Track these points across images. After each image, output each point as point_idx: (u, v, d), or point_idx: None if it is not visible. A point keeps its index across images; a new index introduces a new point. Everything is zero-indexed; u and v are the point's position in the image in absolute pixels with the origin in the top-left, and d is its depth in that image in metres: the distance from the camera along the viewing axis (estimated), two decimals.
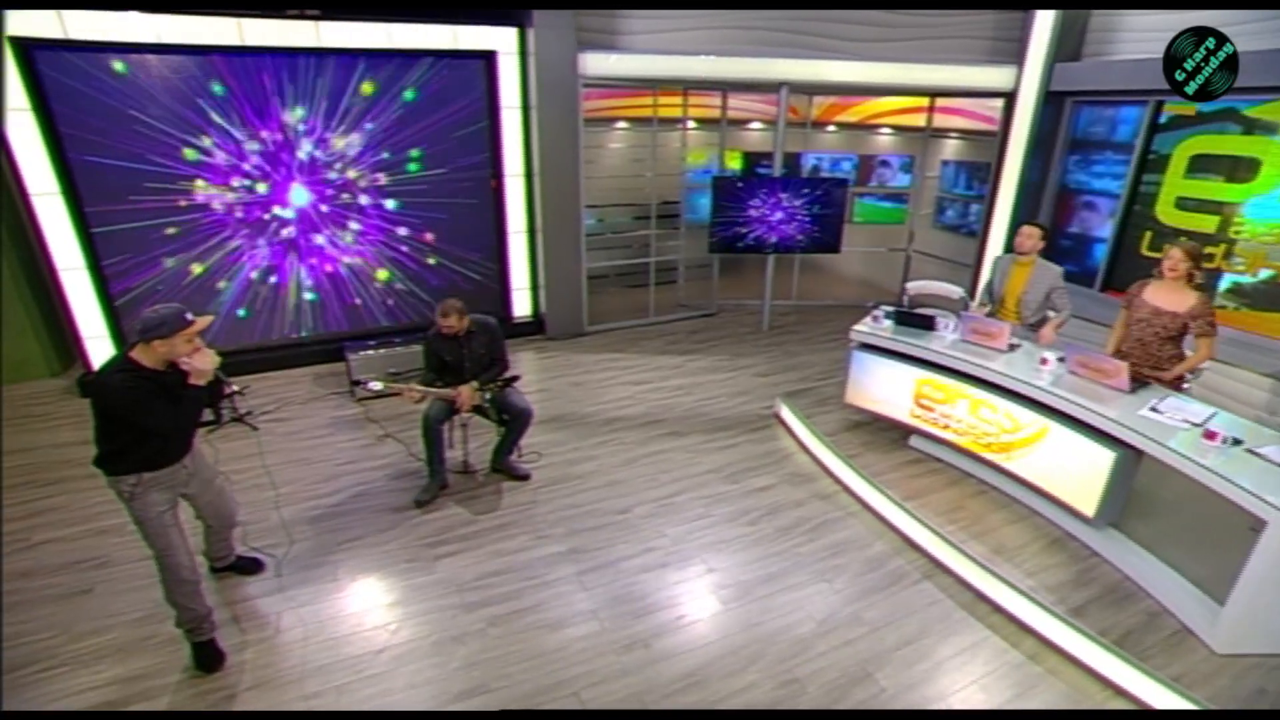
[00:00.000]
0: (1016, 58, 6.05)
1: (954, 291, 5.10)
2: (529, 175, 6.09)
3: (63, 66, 4.49)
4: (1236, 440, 2.99)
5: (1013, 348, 4.00)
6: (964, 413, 4.02)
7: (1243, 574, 2.74)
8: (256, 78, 5.00)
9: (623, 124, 7.34)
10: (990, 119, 6.58)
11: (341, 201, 5.58)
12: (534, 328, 6.57)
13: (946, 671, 2.92)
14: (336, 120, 5.32)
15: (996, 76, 6.10)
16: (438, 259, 6.01)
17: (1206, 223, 5.11)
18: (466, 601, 3.23)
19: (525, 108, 5.87)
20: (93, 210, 4.85)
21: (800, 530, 3.84)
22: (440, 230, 5.95)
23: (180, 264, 5.22)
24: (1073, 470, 3.47)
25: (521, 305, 6.51)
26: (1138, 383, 3.48)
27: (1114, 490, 3.32)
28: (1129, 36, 5.32)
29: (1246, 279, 4.98)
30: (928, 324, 4.33)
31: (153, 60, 4.70)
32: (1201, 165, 5.13)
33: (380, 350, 5.22)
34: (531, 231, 6.28)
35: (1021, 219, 6.16)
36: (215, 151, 5.06)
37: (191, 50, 4.77)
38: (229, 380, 2.87)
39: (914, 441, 4.46)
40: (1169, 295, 3.55)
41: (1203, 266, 3.59)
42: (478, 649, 2.97)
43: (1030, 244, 4.19)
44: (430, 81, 5.48)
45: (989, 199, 6.50)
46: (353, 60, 5.19)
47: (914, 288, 5.02)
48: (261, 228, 5.39)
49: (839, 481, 4.29)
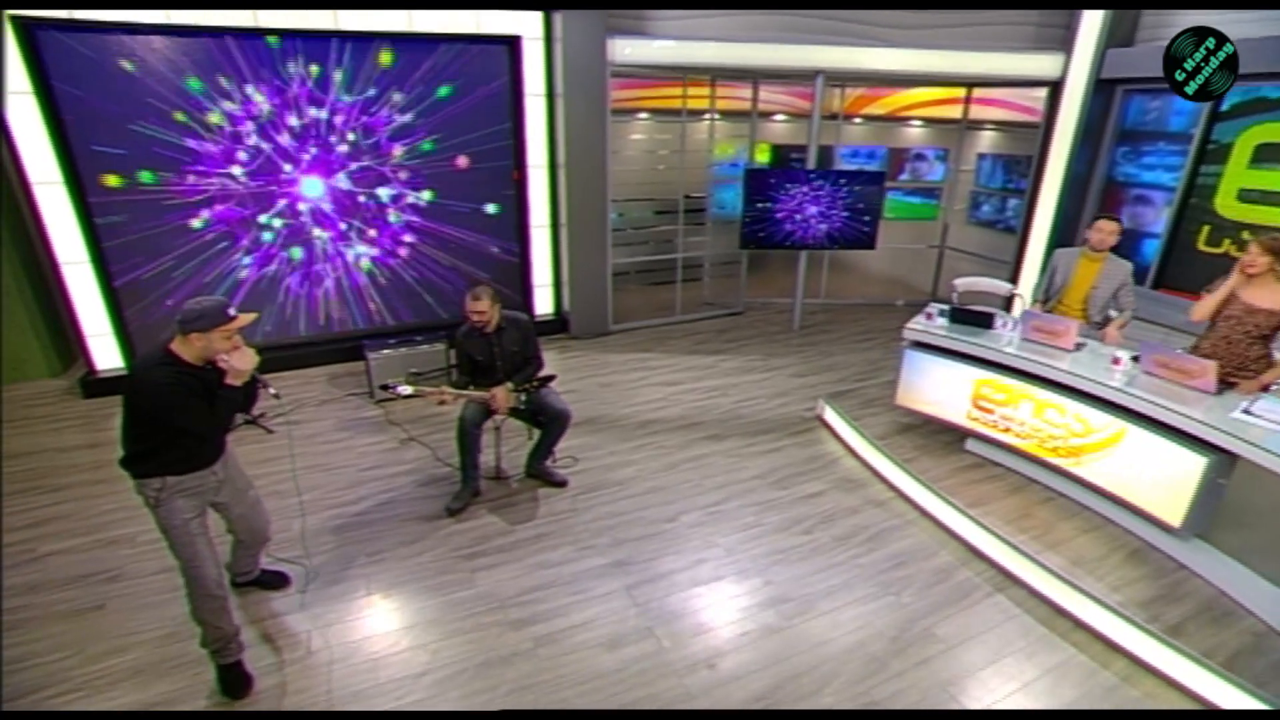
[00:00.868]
0: (1064, 44, 5.87)
1: (1004, 288, 4.92)
2: (553, 167, 5.91)
3: (67, 48, 4.30)
4: None
5: (1078, 347, 3.83)
6: (1027, 415, 3.85)
7: None
8: (269, 62, 4.81)
9: (643, 115, 7.18)
10: (1030, 109, 6.41)
11: (355, 191, 5.39)
12: (557, 326, 6.39)
13: (1036, 694, 2.74)
14: (350, 106, 5.14)
15: (1043, 64, 5.92)
16: (453, 254, 5.82)
17: (1272, 215, 4.94)
18: (511, 618, 3.04)
19: (550, 95, 5.69)
20: (96, 201, 4.66)
21: (858, 539, 3.66)
22: (458, 223, 5.76)
23: (188, 258, 5.02)
24: (1155, 476, 3.29)
25: (543, 303, 6.33)
26: (1221, 384, 3.30)
27: (1203, 498, 3.14)
28: (1189, 19, 5.12)
29: None
30: (986, 322, 4.16)
31: (161, 42, 4.51)
32: (1268, 155, 4.95)
33: (401, 349, 5.03)
34: (555, 226, 6.10)
35: (1066, 213, 6.03)
36: (226, 137, 4.88)
37: (203, 32, 4.58)
38: (266, 381, 2.67)
39: (970, 445, 4.29)
40: (1263, 292, 3.37)
41: None
42: (528, 671, 2.78)
43: (1108, 240, 4.01)
44: (450, 67, 5.30)
45: (1030, 193, 6.32)
46: (370, 44, 5.01)
47: (963, 284, 4.84)
48: (274, 215, 5.20)
49: (893, 487, 4.13)
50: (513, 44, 5.44)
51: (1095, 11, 5.60)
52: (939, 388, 4.25)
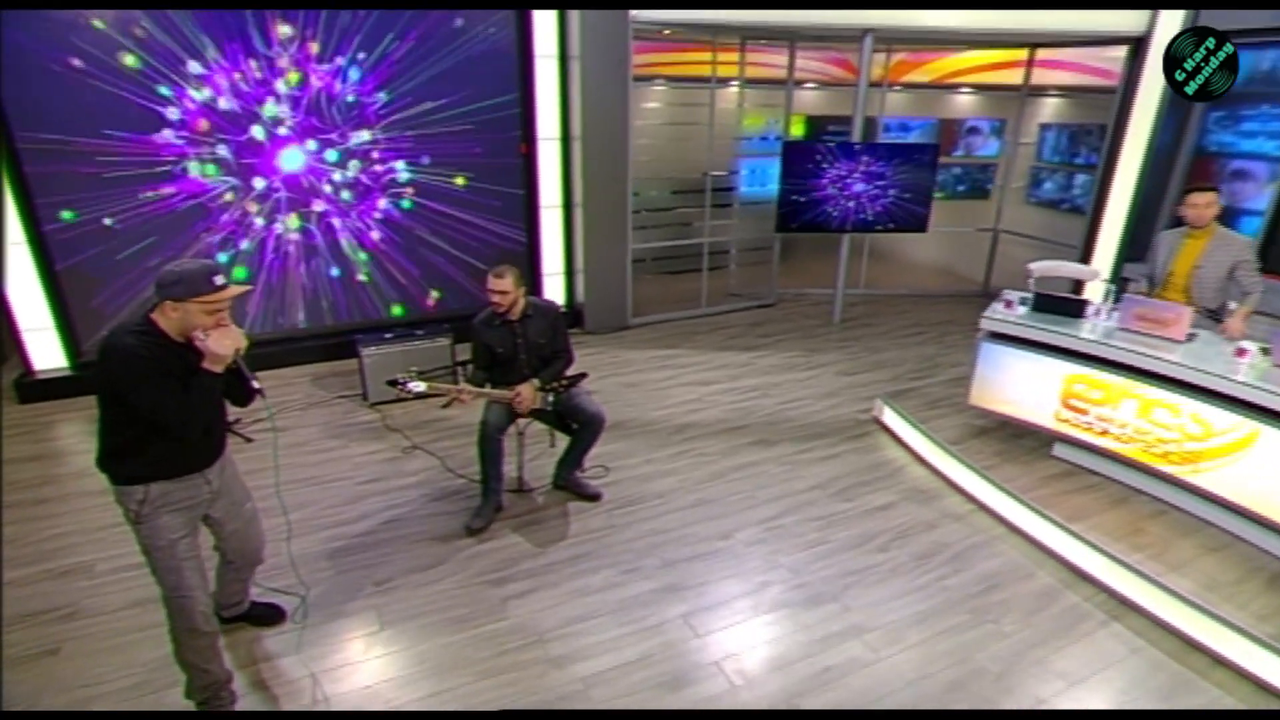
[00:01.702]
0: None
1: (1088, 272, 4.73)
2: (566, 140, 5.69)
3: None
4: None
5: (1190, 337, 3.64)
6: (1131, 415, 3.65)
7: None
8: (242, 26, 4.58)
9: (659, 83, 6.96)
10: (1104, 71, 6.20)
11: (338, 166, 5.15)
12: (570, 320, 6.13)
13: None
14: (329, 66, 4.90)
15: (1125, 19, 5.64)
16: (451, 237, 5.58)
17: None
18: (553, 655, 2.79)
19: (563, 58, 5.47)
20: (33, 171, 4.37)
21: (941, 558, 3.45)
22: (459, 202, 5.53)
23: (140, 237, 4.74)
24: None
25: (554, 294, 6.09)
26: None
27: None
28: None
29: None
30: (1076, 310, 3.97)
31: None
32: None
33: (398, 345, 4.78)
34: (568, 207, 5.87)
35: (1148, 189, 5.82)
36: (193, 101, 4.63)
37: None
38: (253, 374, 2.40)
39: (1058, 450, 4.09)
40: None
41: None
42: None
43: (1206, 214, 3.82)
44: (447, 22, 5.07)
45: (1103, 168, 6.12)
46: None
47: (1039, 269, 4.65)
48: (246, 194, 4.95)
49: (972, 499, 3.93)
50: None
51: None
52: (1021, 385, 4.07)
